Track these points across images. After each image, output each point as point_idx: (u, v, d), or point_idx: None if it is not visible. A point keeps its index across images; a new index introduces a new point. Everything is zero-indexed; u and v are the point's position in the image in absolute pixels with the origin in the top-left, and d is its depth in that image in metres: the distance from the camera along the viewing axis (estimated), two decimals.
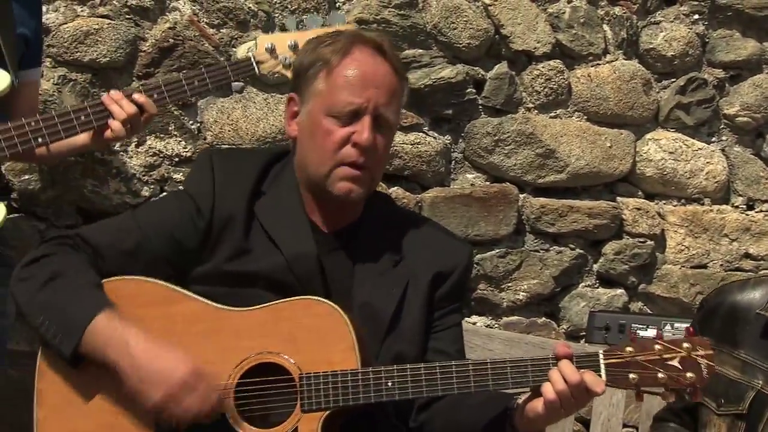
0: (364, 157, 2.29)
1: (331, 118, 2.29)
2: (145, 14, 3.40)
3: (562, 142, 3.84)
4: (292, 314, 2.20)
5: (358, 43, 2.33)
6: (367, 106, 2.28)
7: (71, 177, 3.30)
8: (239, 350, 2.18)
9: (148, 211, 2.44)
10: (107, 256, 2.29)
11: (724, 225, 4.04)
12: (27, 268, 2.26)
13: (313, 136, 2.31)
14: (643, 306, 4.00)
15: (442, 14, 3.67)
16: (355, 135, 2.27)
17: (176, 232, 2.31)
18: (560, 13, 3.85)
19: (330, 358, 2.16)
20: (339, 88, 2.28)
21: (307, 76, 2.33)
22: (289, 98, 2.39)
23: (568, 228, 3.86)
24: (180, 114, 3.43)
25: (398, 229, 2.43)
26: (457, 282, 2.42)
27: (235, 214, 2.31)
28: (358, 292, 2.32)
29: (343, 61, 2.30)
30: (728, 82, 4.08)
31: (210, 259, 2.31)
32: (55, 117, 2.63)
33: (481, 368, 2.15)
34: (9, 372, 3.23)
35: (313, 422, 2.14)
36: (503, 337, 3.25)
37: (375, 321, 2.29)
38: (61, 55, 3.28)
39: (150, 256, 2.30)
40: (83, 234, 2.33)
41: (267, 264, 2.29)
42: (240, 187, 2.34)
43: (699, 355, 2.10)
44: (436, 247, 2.42)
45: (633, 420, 3.43)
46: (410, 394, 2.16)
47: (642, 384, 2.11)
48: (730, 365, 2.39)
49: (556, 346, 2.15)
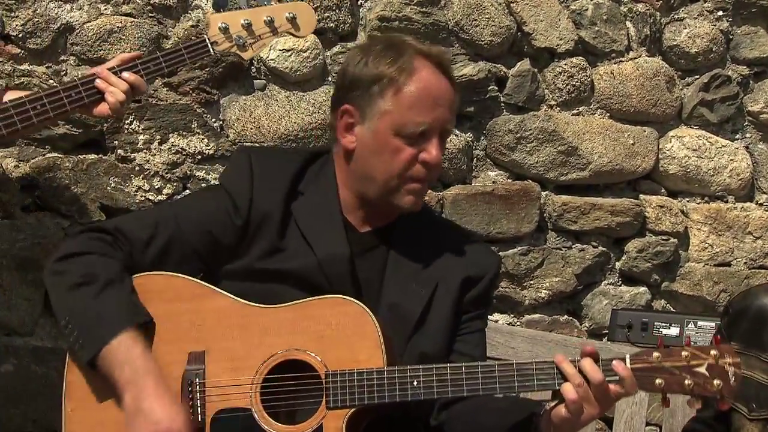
0: (430, 172, 2.34)
1: (399, 137, 2.30)
2: (168, 12, 3.41)
3: (584, 140, 3.82)
4: (320, 312, 2.21)
5: (421, 59, 2.33)
6: (436, 126, 2.31)
7: (94, 175, 3.32)
8: (267, 347, 2.20)
9: (185, 205, 2.47)
10: (144, 251, 2.30)
11: (748, 223, 4.02)
12: (62, 263, 2.26)
13: (379, 154, 2.32)
14: (666, 304, 3.98)
15: (464, 11, 3.66)
16: (424, 154, 2.31)
17: (213, 228, 2.33)
18: (583, 10, 3.84)
19: (356, 357, 2.17)
20: (407, 108, 2.29)
21: (370, 93, 2.32)
22: (344, 109, 2.36)
23: (591, 226, 3.85)
24: (203, 112, 3.44)
25: (431, 232, 2.45)
26: (485, 288, 2.44)
27: (271, 213, 2.33)
28: (387, 291, 2.34)
29: (409, 81, 2.30)
30: (752, 79, 4.06)
31: (243, 256, 2.32)
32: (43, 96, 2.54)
33: (507, 370, 2.15)
34: (33, 368, 3.25)
35: (338, 419, 2.14)
36: (525, 335, 3.24)
37: (402, 320, 2.29)
38: (85, 53, 3.30)
39: (185, 251, 2.32)
40: (122, 228, 2.32)
41: (299, 264, 2.30)
42: (277, 186, 2.36)
43: (726, 363, 2.07)
44: (467, 252, 2.44)
45: (656, 418, 3.42)
46: (435, 394, 2.15)
47: (668, 389, 2.09)
48: (759, 369, 2.37)
49: (583, 346, 2.14)
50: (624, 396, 2.13)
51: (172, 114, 3.40)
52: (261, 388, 2.18)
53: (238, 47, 2.69)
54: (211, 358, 2.20)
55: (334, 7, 3.53)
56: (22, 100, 2.53)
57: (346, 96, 2.37)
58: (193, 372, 2.19)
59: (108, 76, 2.59)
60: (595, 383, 2.09)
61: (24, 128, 2.54)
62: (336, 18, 3.54)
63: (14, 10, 3.24)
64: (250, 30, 2.68)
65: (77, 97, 2.57)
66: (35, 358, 3.24)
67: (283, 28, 2.68)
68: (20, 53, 3.26)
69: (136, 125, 3.36)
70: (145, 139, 3.37)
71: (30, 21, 3.25)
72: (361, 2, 3.61)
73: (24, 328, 3.25)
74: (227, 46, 2.68)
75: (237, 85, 3.49)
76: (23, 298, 3.24)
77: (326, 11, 3.52)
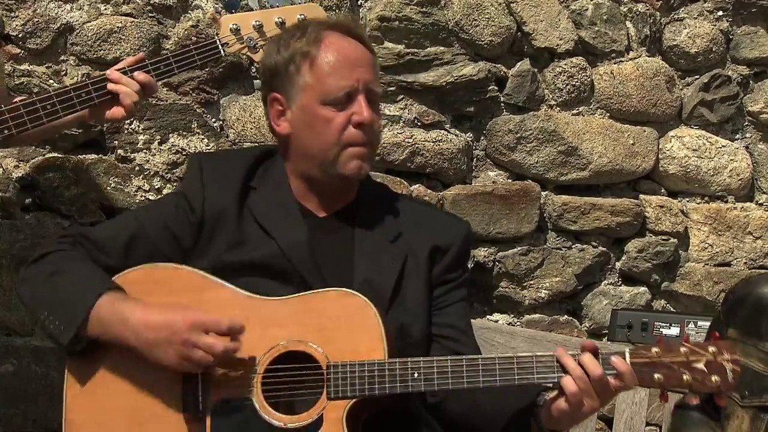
0: (367, 134, 2.37)
1: (326, 106, 2.35)
2: (168, 12, 3.41)
3: (584, 140, 3.83)
4: (321, 305, 2.25)
5: (327, 29, 2.40)
6: (358, 86, 2.36)
7: (94, 175, 3.32)
8: (268, 338, 2.23)
9: (147, 208, 2.61)
10: (108, 250, 2.37)
11: (748, 223, 4.02)
12: (29, 269, 2.36)
13: (312, 128, 2.37)
14: (666, 304, 3.98)
15: (464, 11, 3.66)
16: (355, 116, 2.35)
17: (171, 225, 2.39)
18: (583, 10, 3.84)
19: (357, 349, 2.20)
20: (327, 75, 2.35)
21: (287, 72, 2.38)
22: (272, 99, 2.43)
23: (591, 226, 3.85)
24: (203, 112, 3.44)
25: (394, 208, 2.49)
26: (456, 255, 2.47)
27: (225, 210, 2.39)
28: (359, 269, 2.37)
29: (321, 50, 2.36)
30: (752, 79, 4.06)
31: (207, 253, 2.37)
32: (54, 96, 2.55)
33: (508, 363, 2.17)
34: (33, 368, 3.26)
35: (338, 410, 2.18)
36: (525, 335, 3.24)
37: (377, 296, 2.31)
38: (85, 54, 3.30)
39: (148, 248, 2.37)
40: (83, 232, 2.42)
41: (261, 253, 2.35)
42: (229, 183, 2.42)
43: (725, 360, 2.09)
44: (432, 223, 2.49)
45: (656, 419, 3.42)
46: (436, 386, 2.18)
47: (667, 384, 2.11)
48: (755, 357, 2.38)
49: (584, 342, 2.16)
50: (624, 390, 2.15)
51: (172, 114, 3.41)
52: (263, 379, 2.20)
53: (249, 49, 2.70)
54: None
55: (334, 7, 3.53)
56: (32, 100, 2.54)
57: (270, 87, 2.43)
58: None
59: (119, 77, 2.60)
60: (595, 377, 2.10)
61: (34, 127, 2.55)
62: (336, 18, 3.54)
63: (14, 10, 3.24)
64: (261, 31, 2.69)
65: (87, 97, 2.59)
66: (35, 358, 3.24)
67: None
68: (20, 53, 3.26)
69: (136, 125, 3.36)
70: (145, 139, 3.38)
71: (30, 21, 3.25)
72: (361, 2, 3.61)
73: (24, 328, 3.25)
74: (238, 47, 2.69)
75: (237, 85, 3.49)
76: None
77: (326, 11, 3.51)
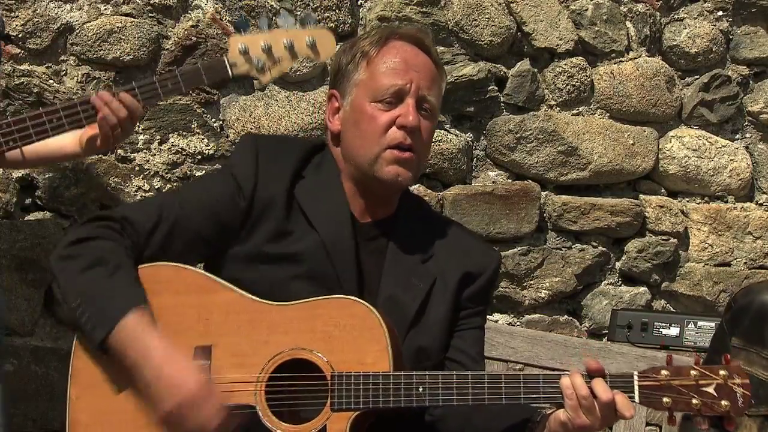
0: (410, 138, 2.30)
1: (375, 103, 2.31)
2: (168, 12, 3.41)
3: (584, 140, 3.82)
4: (327, 312, 2.20)
5: (395, 35, 2.37)
6: (410, 88, 2.31)
7: (94, 175, 3.32)
8: (273, 344, 2.19)
9: (190, 189, 2.49)
10: (149, 238, 2.30)
11: (748, 223, 4.02)
12: (71, 248, 2.25)
13: (358, 124, 2.33)
14: (666, 304, 3.98)
15: (464, 11, 3.66)
16: (401, 117, 2.29)
17: (217, 210, 2.31)
18: (583, 10, 3.84)
19: (363, 359, 2.16)
20: (380, 74, 2.31)
21: (347, 70, 2.36)
22: (330, 95, 2.41)
23: (591, 226, 3.85)
24: (203, 112, 3.44)
25: (430, 228, 2.44)
26: (484, 284, 2.43)
27: (275, 196, 2.32)
28: (385, 284, 2.33)
29: (382, 50, 2.33)
30: (752, 79, 4.06)
31: (249, 240, 2.31)
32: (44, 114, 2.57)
33: (514, 380, 2.13)
34: (33, 368, 3.25)
35: (342, 422, 2.13)
36: (525, 335, 3.23)
37: (399, 314, 2.28)
38: (85, 54, 3.30)
39: (189, 236, 2.31)
40: (129, 216, 2.32)
41: (304, 245, 2.30)
42: (282, 170, 2.36)
43: (735, 384, 2.05)
44: (466, 248, 2.43)
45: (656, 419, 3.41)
46: (440, 401, 2.14)
47: (675, 408, 2.06)
48: (759, 365, 2.37)
49: (587, 362, 2.11)
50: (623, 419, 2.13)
51: (172, 114, 3.41)
52: (266, 386, 2.17)
53: (257, 70, 2.69)
54: (217, 354, 2.19)
55: (334, 7, 3.53)
56: (22, 117, 2.55)
57: (332, 85, 2.42)
58: (199, 367, 2.17)
59: (110, 100, 2.60)
60: (604, 402, 2.07)
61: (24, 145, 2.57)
62: (336, 18, 3.54)
63: (14, 10, 3.24)
64: (270, 53, 2.68)
65: (75, 118, 2.59)
66: (35, 358, 3.24)
67: (303, 53, 2.67)
68: (20, 53, 3.26)
69: (136, 125, 3.36)
70: (145, 139, 3.38)
71: (30, 21, 3.25)
72: (361, 2, 3.61)
73: (24, 328, 3.25)
74: (246, 68, 2.68)
75: (237, 85, 3.49)
76: (23, 298, 3.24)
77: (326, 11, 3.52)
